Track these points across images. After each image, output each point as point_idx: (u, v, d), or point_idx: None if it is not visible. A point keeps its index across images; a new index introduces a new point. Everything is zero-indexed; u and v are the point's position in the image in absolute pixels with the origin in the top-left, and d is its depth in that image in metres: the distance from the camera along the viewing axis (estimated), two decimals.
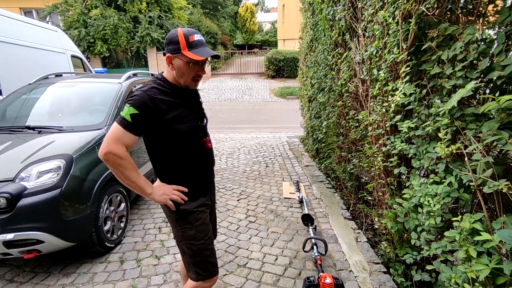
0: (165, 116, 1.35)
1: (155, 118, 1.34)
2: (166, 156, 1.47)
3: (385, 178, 2.32)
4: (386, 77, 2.02)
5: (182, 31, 1.35)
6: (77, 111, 3.21)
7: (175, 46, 1.34)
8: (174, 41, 1.34)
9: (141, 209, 3.60)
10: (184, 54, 1.32)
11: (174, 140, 1.42)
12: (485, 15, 1.72)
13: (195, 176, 1.53)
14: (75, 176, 2.36)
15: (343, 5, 2.89)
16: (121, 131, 1.31)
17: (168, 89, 1.40)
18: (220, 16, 26.91)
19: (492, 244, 1.19)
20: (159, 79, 1.43)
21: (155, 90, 1.36)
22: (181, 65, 1.36)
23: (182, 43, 1.33)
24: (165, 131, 1.38)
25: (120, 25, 15.22)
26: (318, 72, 4.47)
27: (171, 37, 1.36)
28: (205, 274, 1.54)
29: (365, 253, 2.65)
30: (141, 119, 1.31)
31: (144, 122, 1.33)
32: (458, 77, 1.44)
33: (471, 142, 1.38)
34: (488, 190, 1.24)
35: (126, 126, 1.31)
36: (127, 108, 1.30)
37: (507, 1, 1.74)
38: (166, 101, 1.37)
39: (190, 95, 1.49)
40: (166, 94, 1.38)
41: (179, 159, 1.47)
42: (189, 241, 1.50)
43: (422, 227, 1.75)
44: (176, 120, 1.38)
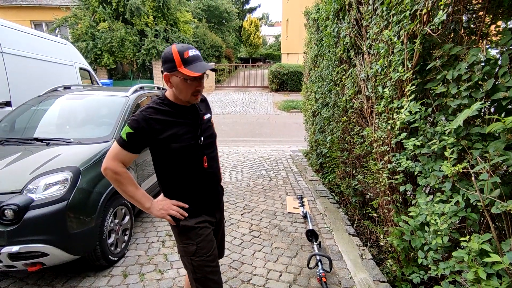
0: (159, 135, 1.39)
1: (150, 137, 1.39)
2: (167, 171, 1.51)
3: (391, 195, 2.31)
4: (391, 94, 2.04)
5: (176, 48, 1.36)
6: (85, 123, 3.26)
7: (171, 64, 1.36)
8: (170, 59, 1.35)
9: (145, 222, 3.60)
10: (180, 72, 1.34)
11: (171, 158, 1.45)
12: (487, 35, 1.76)
13: (195, 194, 1.54)
14: (82, 188, 2.38)
15: (347, 22, 2.96)
16: (117, 149, 1.40)
17: (166, 108, 1.43)
18: (224, 30, 27.42)
19: (502, 266, 1.18)
20: (160, 98, 1.47)
21: (151, 110, 1.40)
22: (179, 82, 1.38)
23: (178, 61, 1.34)
24: (161, 149, 1.43)
25: (127, 38, 15.56)
26: (322, 87, 4.52)
27: (166, 55, 1.37)
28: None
29: (371, 271, 2.61)
30: (135, 138, 1.37)
31: (138, 141, 1.39)
32: (463, 97, 1.46)
33: (477, 161, 1.39)
34: (496, 211, 1.24)
35: (122, 144, 1.39)
36: (125, 127, 1.39)
37: (508, 23, 1.79)
38: (161, 120, 1.40)
39: (190, 113, 1.49)
40: (163, 113, 1.41)
41: (178, 176, 1.50)
42: (190, 257, 1.50)
43: (429, 246, 1.73)
44: (171, 139, 1.41)
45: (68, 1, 17.20)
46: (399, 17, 1.91)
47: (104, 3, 15.50)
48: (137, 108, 3.50)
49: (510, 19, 1.76)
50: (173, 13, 17.14)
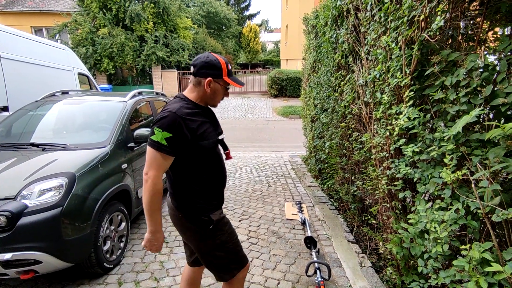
0: (194, 134, 1.42)
1: (186, 137, 1.40)
2: (193, 170, 1.52)
3: (390, 201, 2.29)
4: (390, 100, 2.03)
5: (222, 59, 1.50)
6: (82, 128, 3.24)
7: (217, 72, 1.48)
8: (218, 67, 1.48)
9: (142, 228, 3.55)
10: (226, 80, 1.51)
11: (200, 156, 1.50)
12: (485, 42, 1.75)
13: (218, 187, 1.63)
14: (77, 194, 2.35)
15: (346, 29, 2.96)
16: (160, 156, 1.38)
17: (194, 108, 1.49)
18: (224, 36, 27.61)
19: (503, 276, 1.15)
20: (183, 99, 1.52)
21: (183, 110, 1.43)
22: (219, 88, 1.52)
23: (224, 71, 1.49)
24: (192, 148, 1.45)
25: (127, 43, 15.63)
26: (321, 93, 4.51)
27: (213, 62, 1.47)
28: (240, 265, 1.67)
29: (370, 279, 2.57)
30: (176, 140, 1.38)
31: (178, 143, 1.39)
32: (462, 103, 1.45)
33: (477, 168, 1.37)
34: (497, 219, 1.21)
35: (165, 150, 1.37)
36: (159, 132, 1.35)
37: (505, 30, 1.79)
38: (194, 120, 1.44)
39: (209, 113, 1.62)
40: (193, 114, 1.46)
41: (204, 172, 1.54)
42: (224, 246, 1.60)
43: (429, 254, 1.70)
44: (202, 137, 1.46)
45: (68, 6, 17.32)
46: (397, 23, 1.91)
47: (104, 9, 15.61)
48: (135, 114, 3.48)
49: (507, 25, 1.75)
50: (173, 19, 17.27)
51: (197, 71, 1.49)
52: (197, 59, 1.51)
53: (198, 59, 1.50)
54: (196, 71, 1.49)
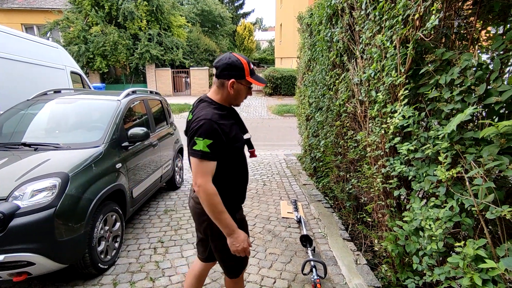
0: (227, 136, 1.46)
1: (223, 140, 1.44)
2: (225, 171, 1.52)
3: (385, 199, 2.30)
4: (385, 99, 2.04)
5: (244, 59, 1.50)
6: (75, 128, 3.20)
7: (240, 72, 1.48)
8: (240, 67, 1.48)
9: (136, 228, 3.53)
10: (248, 80, 1.51)
11: (231, 157, 1.53)
12: (478, 40, 1.77)
13: (243, 187, 1.68)
14: (71, 195, 2.32)
15: (340, 27, 2.97)
16: (207, 165, 1.41)
17: (222, 111, 1.51)
18: (218, 34, 27.47)
19: (497, 272, 1.17)
20: (211, 102, 1.53)
21: (216, 115, 1.44)
22: (242, 88, 1.53)
23: (247, 71, 1.49)
24: (226, 150, 1.47)
25: (120, 41, 15.46)
26: (316, 91, 4.52)
27: (235, 63, 1.47)
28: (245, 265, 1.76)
29: (365, 276, 2.59)
30: (216, 145, 1.41)
31: (218, 147, 1.42)
32: (456, 101, 1.46)
33: (471, 166, 1.38)
34: (491, 216, 1.23)
35: (208, 157, 1.40)
36: (200, 141, 1.39)
37: (498, 29, 1.81)
38: (226, 124, 1.47)
39: (235, 113, 1.65)
40: (224, 117, 1.49)
41: (234, 172, 1.58)
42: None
43: (423, 251, 1.72)
44: (235, 139, 1.50)
45: (60, 4, 17.05)
46: (392, 22, 1.91)
47: (96, 6, 15.41)
48: (129, 113, 3.45)
49: (500, 24, 1.77)
50: (166, 17, 17.13)
51: (220, 73, 1.49)
52: (219, 61, 1.50)
53: (220, 60, 1.50)
54: (218, 73, 1.50)
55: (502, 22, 1.73)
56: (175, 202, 4.36)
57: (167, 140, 4.38)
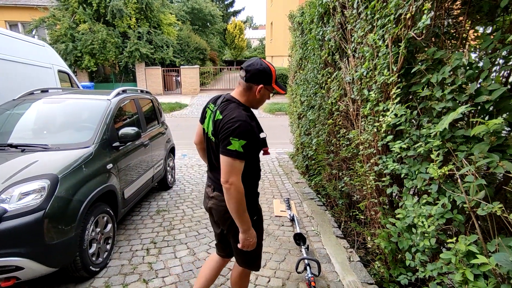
0: (256, 135, 1.57)
1: (254, 141, 1.53)
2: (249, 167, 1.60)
3: (377, 197, 2.33)
4: (377, 97, 2.06)
5: (272, 67, 1.61)
6: (64, 128, 3.12)
7: (270, 79, 1.59)
8: (269, 74, 1.58)
9: (128, 229, 3.48)
10: (273, 87, 1.62)
11: (256, 154, 1.66)
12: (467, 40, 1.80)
13: (257, 182, 1.79)
14: (60, 197, 2.26)
15: (332, 26, 2.98)
16: (238, 163, 1.48)
17: (249, 112, 1.63)
18: (209, 33, 27.25)
19: (489, 267, 1.19)
20: (239, 104, 1.61)
21: (248, 116, 1.54)
22: (266, 93, 1.64)
23: (274, 78, 1.60)
24: (254, 148, 1.58)
25: (109, 40, 15.18)
26: (307, 89, 4.53)
27: (267, 71, 1.57)
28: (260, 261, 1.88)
29: (358, 273, 2.62)
30: (249, 145, 1.49)
31: (251, 147, 1.51)
32: (447, 100, 1.48)
33: (462, 163, 1.41)
34: (482, 213, 1.25)
35: (242, 157, 1.48)
36: (236, 142, 1.45)
37: (486, 28, 1.84)
38: (255, 125, 1.59)
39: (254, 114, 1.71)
40: (252, 118, 1.59)
41: (254, 168, 1.70)
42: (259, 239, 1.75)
43: (416, 248, 1.75)
44: (258, 138, 1.60)
45: (46, 1, 16.61)
46: (383, 21, 1.93)
47: (84, 4, 15.07)
48: (120, 112, 3.39)
49: (488, 24, 1.81)
50: (156, 15, 16.89)
51: (250, 77, 1.57)
52: (250, 65, 1.56)
53: (251, 65, 1.56)
54: (249, 76, 1.56)
55: (490, 22, 1.76)
56: (167, 202, 4.32)
57: (158, 140, 4.33)
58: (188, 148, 7.72)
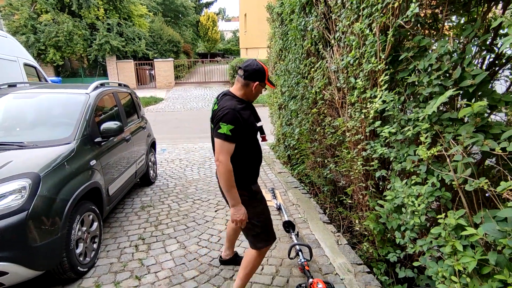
0: (246, 123, 1.82)
1: (242, 126, 1.79)
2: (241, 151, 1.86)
3: (365, 181, 2.43)
4: (364, 85, 2.13)
5: (266, 67, 1.91)
6: (39, 124, 2.95)
7: (262, 76, 1.88)
8: (263, 73, 1.88)
9: (113, 227, 3.38)
10: (266, 83, 1.92)
11: (247, 139, 1.88)
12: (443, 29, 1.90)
13: (257, 164, 2.02)
14: (44, 196, 2.15)
15: (315, 16, 3.01)
16: (227, 145, 1.74)
17: (242, 104, 1.89)
18: (182, 25, 26.55)
19: (477, 237, 1.30)
20: (232, 95, 1.91)
21: (237, 106, 1.81)
22: (260, 89, 1.93)
23: (267, 76, 1.91)
24: (244, 133, 1.82)
25: (75, 31, 14.37)
26: (289, 80, 4.57)
27: (261, 70, 1.87)
28: (270, 239, 2.07)
29: (348, 255, 2.73)
30: (236, 130, 1.75)
31: (238, 131, 1.77)
32: (434, 85, 1.56)
33: (449, 144, 1.50)
34: (470, 188, 1.35)
35: (230, 139, 1.74)
36: (224, 126, 1.72)
37: (461, 18, 1.95)
38: (245, 113, 1.84)
39: (251, 105, 2.01)
40: (243, 109, 1.85)
41: (249, 152, 1.93)
42: (259, 216, 1.98)
43: (405, 226, 1.85)
44: (251, 126, 1.88)
45: None
46: (370, 11, 1.99)
47: None
48: (99, 106, 3.25)
49: (464, 14, 1.92)
50: (126, 6, 16.17)
51: (248, 76, 1.87)
52: (248, 66, 1.87)
53: (249, 65, 1.87)
54: (247, 75, 1.86)
55: (466, 12, 1.87)
56: (151, 197, 4.24)
57: (139, 135, 4.21)
58: (167, 143, 7.57)
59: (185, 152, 6.75)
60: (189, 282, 2.48)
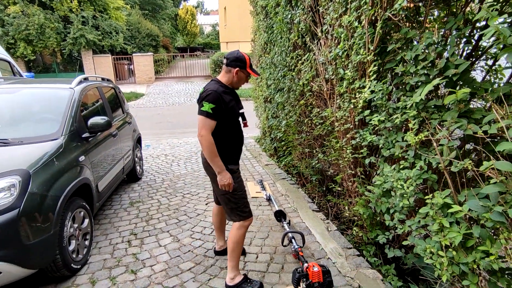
0: (226, 106, 2.02)
1: (222, 107, 1.99)
2: (223, 131, 2.07)
3: (354, 168, 2.53)
4: (353, 76, 2.22)
5: (247, 56, 2.09)
6: (23, 120, 2.84)
7: (243, 63, 2.06)
8: (243, 60, 2.06)
9: (103, 224, 3.34)
10: (248, 71, 2.09)
11: (229, 121, 2.07)
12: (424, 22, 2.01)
13: (237, 146, 2.21)
14: (34, 193, 2.10)
15: (302, 9, 3.07)
16: (208, 121, 1.97)
17: (226, 89, 2.09)
18: (160, 18, 25.90)
19: (461, 214, 1.41)
20: (217, 81, 2.11)
21: (220, 89, 2.02)
22: (242, 76, 2.11)
23: (248, 63, 2.08)
24: (225, 115, 2.02)
25: (48, 24, 13.69)
26: (274, 73, 4.62)
27: (240, 57, 2.06)
28: (245, 215, 2.23)
29: (338, 240, 2.85)
30: (217, 109, 1.96)
31: (218, 111, 1.97)
32: (421, 75, 1.67)
33: (435, 129, 1.61)
34: (455, 169, 1.47)
35: (211, 116, 1.96)
36: (207, 104, 1.95)
37: (441, 12, 2.07)
38: (227, 96, 2.04)
39: (235, 93, 2.20)
40: (226, 93, 2.06)
41: (230, 133, 2.12)
42: (233, 192, 2.14)
43: (394, 209, 1.96)
44: (231, 109, 2.06)
45: None
46: (358, 4, 2.06)
47: None
48: (85, 101, 3.17)
49: (445, 8, 2.04)
50: None
51: (230, 63, 2.06)
52: (230, 54, 2.09)
53: (231, 54, 2.08)
54: (229, 62, 2.07)
55: (446, 6, 1.99)
56: (139, 193, 4.19)
57: (125, 130, 4.14)
58: (151, 139, 7.46)
59: (170, 147, 6.69)
60: (186, 273, 2.51)
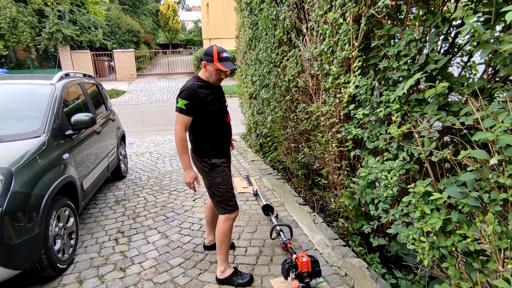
0: (202, 101, 2.03)
1: (197, 103, 2.01)
2: (202, 127, 2.11)
3: (339, 161, 2.61)
4: (338, 71, 2.28)
5: (216, 48, 2.02)
6: (3, 118, 2.73)
7: (210, 57, 2.01)
8: (210, 53, 2.01)
9: (88, 223, 3.27)
10: (215, 65, 2.01)
11: (207, 116, 2.08)
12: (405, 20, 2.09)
13: (221, 140, 2.21)
14: (18, 192, 2.04)
15: (287, 6, 3.10)
16: (182, 117, 2.01)
17: (203, 84, 2.09)
18: (140, 13, 25.26)
19: (441, 201, 1.50)
20: (196, 77, 2.12)
21: (195, 85, 2.04)
22: (212, 70, 2.06)
23: (215, 57, 2.00)
24: (201, 111, 2.05)
25: (21, 18, 13.10)
26: (260, 69, 4.65)
27: (208, 50, 2.03)
28: (230, 209, 2.22)
29: (324, 232, 2.93)
30: (191, 105, 2.00)
31: (192, 107, 2.01)
32: (403, 70, 1.74)
33: (417, 122, 1.70)
34: (435, 159, 1.55)
35: (185, 112, 2.00)
36: (181, 100, 1.99)
37: (421, 10, 2.16)
38: (202, 92, 2.05)
39: (217, 87, 2.19)
40: (202, 87, 2.06)
41: (211, 129, 2.13)
42: (217, 186, 2.17)
43: (378, 199, 2.05)
44: (208, 104, 2.06)
45: None
46: (342, 1, 2.12)
47: None
48: (67, 98, 3.09)
49: (424, 7, 2.13)
50: None
51: (202, 58, 2.08)
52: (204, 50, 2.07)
53: (205, 50, 2.06)
54: (201, 58, 2.17)
55: (425, 5, 2.08)
56: (124, 191, 4.13)
57: (109, 127, 4.05)
58: (134, 136, 7.33)
59: (154, 145, 6.60)
60: (176, 269, 2.52)
